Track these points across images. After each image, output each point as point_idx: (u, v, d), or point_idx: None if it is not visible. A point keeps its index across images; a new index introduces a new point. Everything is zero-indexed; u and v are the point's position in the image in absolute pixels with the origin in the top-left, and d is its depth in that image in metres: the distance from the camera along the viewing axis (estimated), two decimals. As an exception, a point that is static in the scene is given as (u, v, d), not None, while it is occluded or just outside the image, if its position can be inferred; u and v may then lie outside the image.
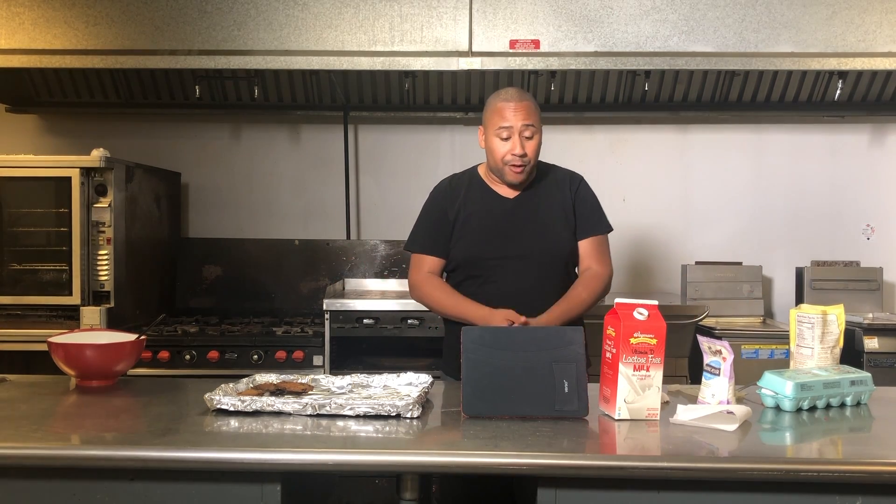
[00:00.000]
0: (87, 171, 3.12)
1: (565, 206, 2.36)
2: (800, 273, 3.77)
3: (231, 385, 1.84)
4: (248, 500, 1.49)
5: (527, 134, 2.27)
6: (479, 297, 2.30)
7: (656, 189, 3.96)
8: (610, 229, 2.42)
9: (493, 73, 3.40)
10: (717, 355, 1.76)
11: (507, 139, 2.26)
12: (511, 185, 2.35)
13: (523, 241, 2.32)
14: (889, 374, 3.19)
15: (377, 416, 1.67)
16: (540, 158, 2.37)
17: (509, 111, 2.26)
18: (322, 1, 3.25)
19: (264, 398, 1.72)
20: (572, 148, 3.86)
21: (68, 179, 3.10)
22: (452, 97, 3.77)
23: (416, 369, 2.07)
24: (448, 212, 2.38)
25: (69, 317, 3.12)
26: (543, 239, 2.33)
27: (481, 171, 2.44)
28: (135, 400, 1.91)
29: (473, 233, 2.34)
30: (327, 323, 3.13)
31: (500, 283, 2.30)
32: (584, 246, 2.37)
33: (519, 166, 2.28)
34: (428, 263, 2.39)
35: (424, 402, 1.79)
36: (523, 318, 2.16)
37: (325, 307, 3.14)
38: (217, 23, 3.25)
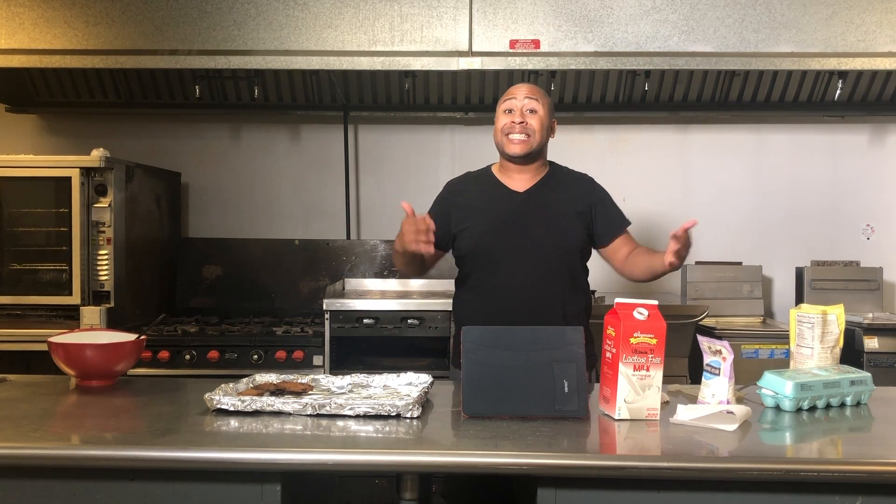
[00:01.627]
0: (87, 171, 3.11)
1: (579, 204, 2.36)
2: (800, 273, 3.77)
3: (231, 385, 1.84)
4: (248, 500, 1.49)
5: (529, 107, 2.29)
6: (487, 289, 2.31)
7: (656, 189, 3.95)
8: (630, 222, 2.45)
9: (493, 73, 3.40)
10: (717, 355, 1.76)
11: (509, 112, 2.31)
12: (511, 159, 2.34)
13: (533, 233, 2.31)
14: (889, 374, 3.19)
15: (377, 416, 1.67)
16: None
17: (515, 90, 2.34)
18: (322, 1, 3.25)
19: (264, 398, 1.72)
20: (572, 148, 3.85)
21: (68, 179, 3.10)
22: (452, 97, 3.77)
23: (416, 369, 2.07)
24: (451, 200, 2.39)
25: (69, 317, 3.12)
26: (553, 232, 2.32)
27: (494, 168, 2.45)
28: (135, 400, 1.91)
29: (481, 224, 2.33)
30: (327, 323, 3.13)
31: (507, 275, 2.29)
32: (620, 241, 2.39)
33: (518, 135, 2.28)
34: None
35: (424, 402, 1.79)
36: None
37: (325, 307, 3.14)
38: (217, 23, 3.25)
